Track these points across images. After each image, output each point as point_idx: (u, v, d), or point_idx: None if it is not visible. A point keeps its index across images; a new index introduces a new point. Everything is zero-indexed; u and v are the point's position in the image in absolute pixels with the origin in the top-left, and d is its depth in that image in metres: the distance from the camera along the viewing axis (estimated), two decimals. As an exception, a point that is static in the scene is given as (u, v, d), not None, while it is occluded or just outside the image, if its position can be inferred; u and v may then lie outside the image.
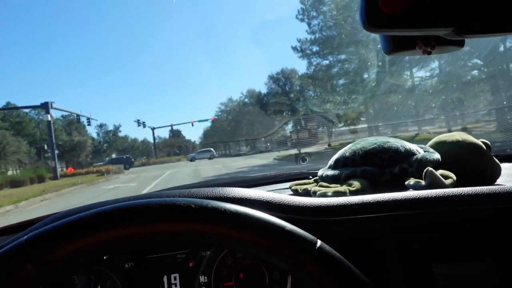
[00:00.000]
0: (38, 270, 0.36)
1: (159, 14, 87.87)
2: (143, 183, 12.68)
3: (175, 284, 0.61)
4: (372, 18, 0.38)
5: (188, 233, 0.39)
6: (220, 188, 0.58)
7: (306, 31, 20.31)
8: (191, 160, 34.19)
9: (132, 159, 32.31)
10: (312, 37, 20.04)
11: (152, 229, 0.39)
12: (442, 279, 0.57)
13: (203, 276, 0.61)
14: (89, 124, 34.04)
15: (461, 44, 0.45)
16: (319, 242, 0.40)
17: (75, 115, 31.43)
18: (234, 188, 0.58)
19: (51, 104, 25.28)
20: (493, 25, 0.40)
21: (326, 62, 20.15)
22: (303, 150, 14.98)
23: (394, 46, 0.45)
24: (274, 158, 17.28)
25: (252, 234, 0.39)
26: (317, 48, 19.98)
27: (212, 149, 39.05)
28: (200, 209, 0.39)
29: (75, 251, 0.37)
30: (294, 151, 15.34)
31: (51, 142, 25.15)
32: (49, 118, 25.32)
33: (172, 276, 0.61)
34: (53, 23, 73.32)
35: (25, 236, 0.38)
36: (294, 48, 20.71)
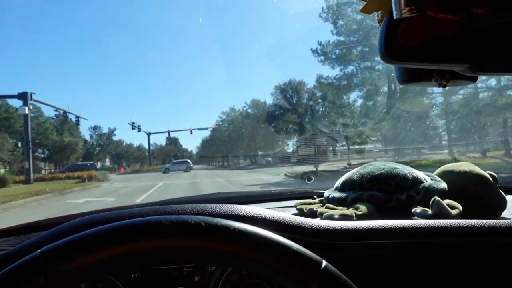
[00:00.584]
0: (51, 283, 0.40)
1: (166, 16, 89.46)
2: (126, 199, 10.81)
3: None
4: (390, 50, 0.41)
5: (196, 250, 0.43)
6: (231, 206, 0.63)
7: (331, 31, 19.44)
8: (164, 172, 31.75)
9: (97, 167, 29.89)
10: (336, 39, 19.22)
11: (161, 245, 0.43)
12: None
13: None
14: (77, 123, 32.45)
15: (474, 79, 0.49)
16: (324, 263, 0.43)
17: (61, 112, 28.97)
18: (245, 206, 0.63)
19: (31, 95, 22.44)
20: (507, 66, 0.44)
21: (349, 69, 19.28)
22: (320, 168, 14.64)
23: (409, 76, 0.49)
24: (286, 175, 15.98)
25: (257, 253, 0.43)
26: (341, 52, 19.13)
27: (188, 160, 37.05)
28: (209, 227, 0.43)
29: (89, 265, 0.41)
30: (311, 168, 14.84)
31: (27, 140, 22.50)
32: (26, 111, 22.32)
33: None
34: (50, 18, 74.63)
35: (39, 250, 0.42)
36: (315, 51, 19.66)
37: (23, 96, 22.18)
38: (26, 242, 0.58)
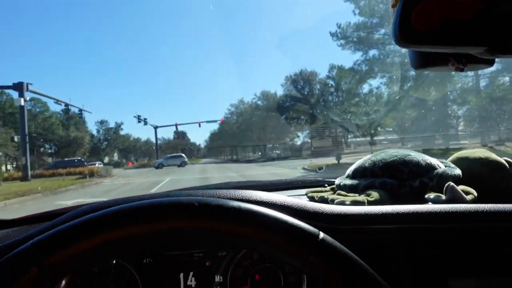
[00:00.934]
0: (44, 273, 0.42)
1: (173, 7, 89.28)
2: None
3: (191, 282, 0.68)
4: (405, 34, 0.42)
5: (190, 231, 0.45)
6: (242, 191, 0.65)
7: (353, 11, 18.63)
8: (157, 167, 31.36)
9: (85, 163, 28.53)
10: (358, 20, 18.31)
11: (162, 227, 0.44)
12: None
13: (219, 276, 0.68)
14: (80, 116, 32.18)
15: (491, 62, 0.49)
16: (321, 234, 0.45)
17: (62, 104, 27.63)
18: (258, 191, 0.65)
19: (27, 86, 21.07)
20: None
21: (371, 54, 18.55)
22: (342, 161, 14.47)
23: (424, 61, 0.49)
24: (304, 168, 15.20)
25: (252, 229, 0.44)
26: (363, 34, 18.22)
27: (183, 154, 36.50)
28: (203, 207, 0.45)
29: (83, 252, 0.43)
30: (331, 160, 14.60)
31: (23, 133, 21.19)
32: (22, 102, 21.03)
33: (189, 274, 0.68)
34: (56, 14, 75.23)
35: (31, 241, 0.44)
36: (334, 35, 18.94)
37: (18, 87, 21.03)
38: (19, 237, 0.60)
